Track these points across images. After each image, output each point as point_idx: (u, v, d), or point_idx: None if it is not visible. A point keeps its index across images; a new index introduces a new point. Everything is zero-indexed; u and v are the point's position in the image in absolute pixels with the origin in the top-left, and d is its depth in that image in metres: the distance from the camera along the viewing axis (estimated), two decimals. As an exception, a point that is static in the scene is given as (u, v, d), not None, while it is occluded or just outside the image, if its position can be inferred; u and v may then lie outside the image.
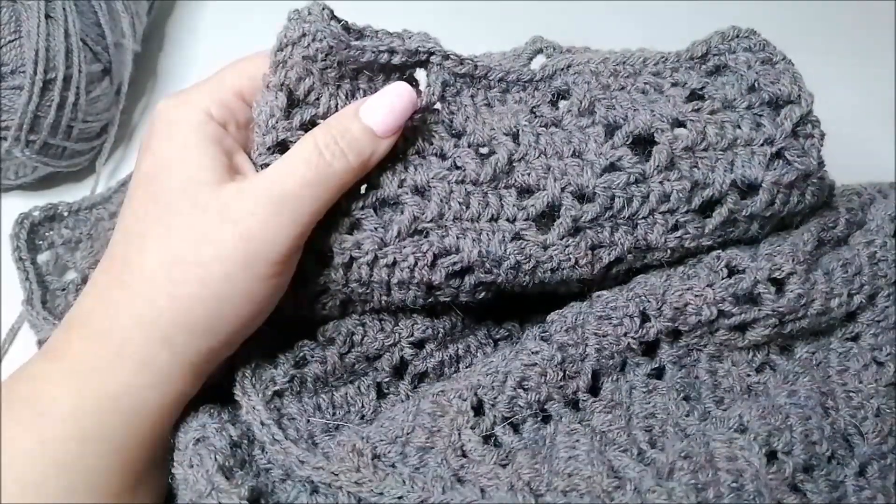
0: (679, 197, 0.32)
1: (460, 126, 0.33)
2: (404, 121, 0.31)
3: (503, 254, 0.32)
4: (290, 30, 0.30)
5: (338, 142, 0.30)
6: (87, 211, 0.46)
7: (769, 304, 0.32)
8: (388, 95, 0.31)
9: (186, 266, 0.29)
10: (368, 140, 0.30)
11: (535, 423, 0.32)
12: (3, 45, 0.43)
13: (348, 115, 0.31)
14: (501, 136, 0.33)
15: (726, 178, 0.32)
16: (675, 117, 0.32)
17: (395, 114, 0.31)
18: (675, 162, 0.32)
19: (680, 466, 0.29)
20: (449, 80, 0.33)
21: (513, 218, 0.32)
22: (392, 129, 0.31)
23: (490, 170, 0.32)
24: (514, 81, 0.34)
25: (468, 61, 0.33)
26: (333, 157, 0.30)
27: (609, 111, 0.33)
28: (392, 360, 0.35)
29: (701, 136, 0.32)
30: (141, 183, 0.31)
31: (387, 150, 0.31)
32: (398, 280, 0.33)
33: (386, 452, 0.31)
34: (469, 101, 0.34)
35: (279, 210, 0.29)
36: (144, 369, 0.29)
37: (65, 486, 0.28)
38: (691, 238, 0.33)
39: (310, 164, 0.30)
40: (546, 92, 0.34)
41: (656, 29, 0.57)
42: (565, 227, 0.32)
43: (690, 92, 0.33)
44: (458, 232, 0.32)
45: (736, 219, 0.33)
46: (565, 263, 0.33)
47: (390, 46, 0.32)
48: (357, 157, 0.30)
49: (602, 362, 0.33)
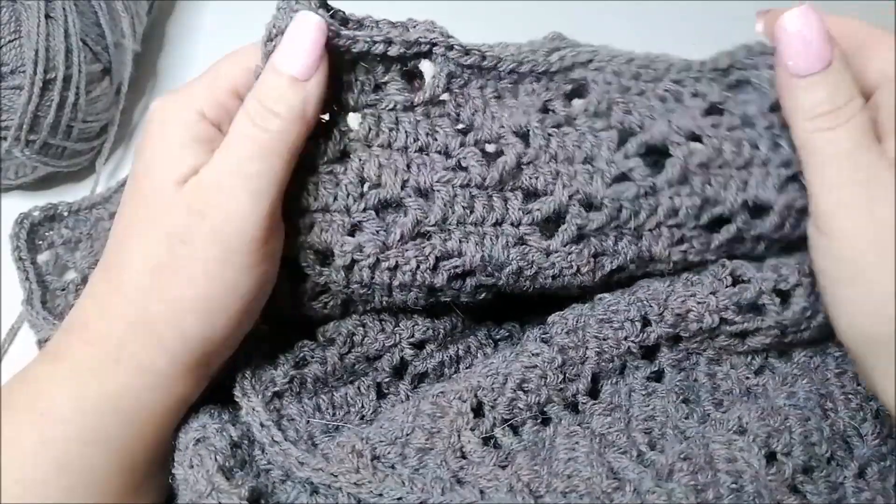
0: (688, 213, 0.32)
1: (467, 119, 0.32)
2: (320, 53, 0.29)
3: (505, 259, 0.32)
4: (278, 19, 0.30)
5: (264, 104, 0.29)
6: (87, 211, 0.46)
7: (773, 315, 0.32)
8: (291, 35, 0.29)
9: (171, 270, 0.29)
10: (294, 90, 0.28)
11: (535, 425, 0.32)
12: (3, 45, 0.43)
13: (267, 74, 0.29)
14: (511, 137, 0.32)
15: (738, 198, 0.31)
16: (692, 130, 0.31)
17: (305, 50, 0.28)
18: (688, 177, 0.31)
19: (679, 468, 0.29)
20: (455, 71, 0.32)
21: (517, 221, 0.32)
22: (309, 66, 0.28)
23: (497, 173, 0.31)
24: (528, 73, 0.32)
25: (474, 51, 0.31)
26: (266, 120, 0.28)
27: (626, 116, 0.32)
28: (392, 360, 0.35)
29: (717, 152, 0.31)
30: (130, 185, 0.31)
31: (318, 91, 0.29)
32: (400, 282, 0.32)
33: (385, 453, 0.31)
34: (477, 93, 0.32)
35: (236, 193, 0.28)
36: (142, 372, 0.29)
37: (65, 486, 0.28)
38: (696, 252, 0.33)
39: (246, 137, 0.29)
40: (561, 85, 0.32)
41: (656, 29, 0.57)
42: (570, 234, 0.32)
43: (710, 105, 0.32)
44: (461, 235, 0.32)
45: (743, 237, 0.33)
46: (567, 270, 0.33)
47: (386, 37, 0.30)
48: (289, 111, 0.28)
49: (602, 365, 0.33)
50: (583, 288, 0.34)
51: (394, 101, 0.32)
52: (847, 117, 0.28)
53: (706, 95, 0.32)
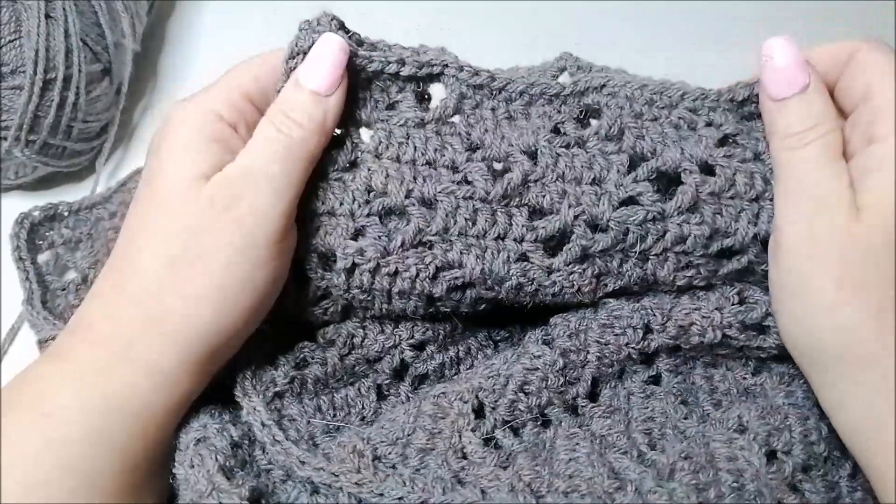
0: (696, 241, 0.32)
1: (478, 139, 0.33)
2: (342, 71, 0.31)
3: (505, 274, 0.32)
4: (300, 40, 0.31)
5: (288, 115, 0.31)
6: (87, 211, 0.46)
7: (776, 336, 0.32)
8: (316, 53, 0.31)
9: (188, 261, 0.30)
10: (315, 104, 0.31)
11: (535, 426, 0.32)
12: (3, 45, 0.42)
13: (290, 87, 0.31)
14: (519, 155, 0.32)
15: (749, 231, 0.31)
16: (705, 160, 0.31)
17: (328, 68, 0.31)
18: (699, 205, 0.31)
19: (681, 467, 0.29)
20: (466, 92, 0.33)
21: (521, 238, 0.32)
22: (331, 83, 0.31)
23: (501, 189, 0.32)
24: (539, 95, 0.33)
25: (483, 72, 0.33)
26: (289, 129, 0.31)
27: (638, 141, 0.32)
28: (392, 362, 0.35)
29: (730, 183, 0.31)
30: (142, 185, 0.32)
31: (339, 105, 0.32)
32: (399, 290, 0.33)
33: (386, 454, 0.31)
34: (489, 114, 0.33)
35: (259, 190, 0.30)
36: (150, 371, 0.30)
37: (69, 487, 0.28)
38: (702, 279, 0.33)
39: (271, 141, 0.31)
40: (574, 108, 0.33)
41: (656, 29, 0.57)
42: (573, 254, 0.32)
43: (724, 135, 0.32)
44: (463, 247, 0.32)
45: (753, 269, 0.33)
46: (568, 289, 0.33)
47: (400, 57, 0.32)
48: (310, 121, 0.31)
49: (602, 370, 0.33)
50: (582, 304, 0.34)
51: (405, 117, 0.33)
52: (812, 138, 0.30)
53: (721, 125, 0.32)
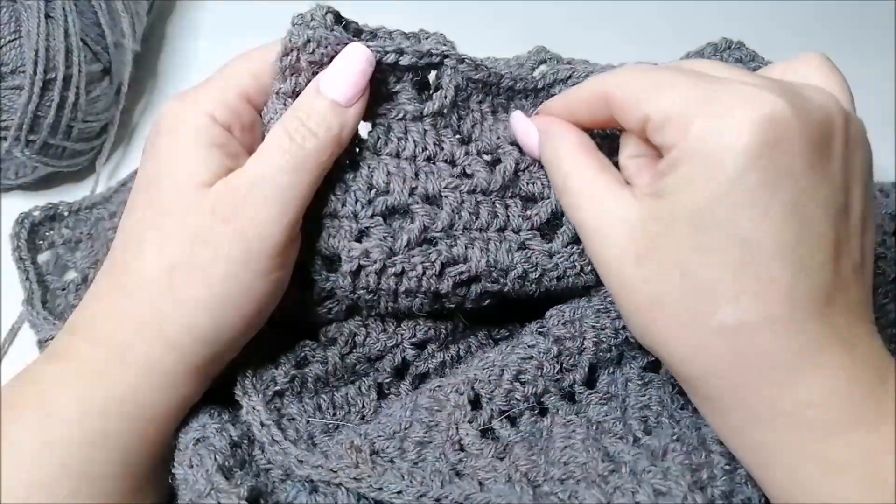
0: None
1: (467, 131, 0.33)
2: (365, 83, 0.30)
3: (510, 263, 0.32)
4: (294, 35, 0.30)
5: (304, 123, 0.30)
6: (87, 211, 0.46)
7: None
8: (342, 62, 0.30)
9: (187, 269, 0.29)
10: (334, 114, 0.30)
11: (532, 416, 0.32)
12: (3, 45, 0.43)
13: (310, 94, 0.30)
14: (507, 146, 0.33)
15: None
16: None
17: (353, 79, 0.30)
18: None
19: (673, 448, 0.29)
20: (461, 84, 0.33)
21: (518, 228, 0.33)
22: (354, 95, 0.30)
23: (500, 178, 0.32)
24: (521, 90, 0.34)
25: (483, 67, 0.33)
26: (304, 139, 0.29)
27: None
28: (394, 360, 0.35)
29: None
30: (140, 187, 0.31)
31: (357, 117, 0.30)
32: (406, 288, 0.32)
33: (384, 448, 0.31)
34: (476, 107, 0.33)
35: (265, 201, 0.29)
36: (150, 373, 0.29)
37: (70, 488, 0.28)
38: None
39: (282, 150, 0.29)
40: (545, 99, 0.34)
41: (656, 29, 0.57)
42: (568, 234, 0.33)
43: None
44: (467, 241, 0.32)
45: None
46: (570, 271, 0.33)
47: (398, 47, 0.31)
48: (327, 132, 0.30)
49: (599, 356, 0.33)
50: (587, 288, 0.34)
51: (404, 110, 0.32)
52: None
53: None
